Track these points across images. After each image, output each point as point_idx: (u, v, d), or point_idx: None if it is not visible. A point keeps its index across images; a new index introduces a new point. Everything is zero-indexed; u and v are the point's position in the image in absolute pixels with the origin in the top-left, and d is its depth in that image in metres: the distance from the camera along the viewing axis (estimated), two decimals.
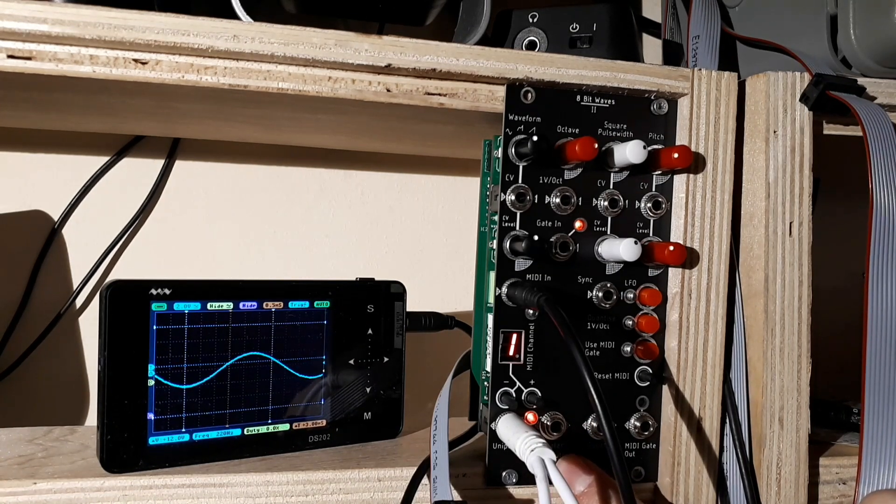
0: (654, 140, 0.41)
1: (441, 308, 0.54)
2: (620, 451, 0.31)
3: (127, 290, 0.36)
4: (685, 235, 0.40)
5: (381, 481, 0.38)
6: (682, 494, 0.40)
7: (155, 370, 0.37)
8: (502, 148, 0.38)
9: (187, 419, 0.38)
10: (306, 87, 0.36)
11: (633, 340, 0.40)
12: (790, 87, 0.41)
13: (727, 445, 0.41)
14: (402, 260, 0.63)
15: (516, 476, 0.39)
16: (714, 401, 0.41)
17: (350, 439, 0.43)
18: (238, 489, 0.37)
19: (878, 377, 0.38)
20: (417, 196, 0.63)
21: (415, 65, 0.37)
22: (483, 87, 0.39)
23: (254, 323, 0.40)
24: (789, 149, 0.40)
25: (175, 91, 0.37)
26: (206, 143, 0.59)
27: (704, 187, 0.40)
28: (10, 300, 0.55)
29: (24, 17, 0.32)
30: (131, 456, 0.37)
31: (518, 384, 0.39)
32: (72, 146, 0.56)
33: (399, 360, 0.44)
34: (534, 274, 0.39)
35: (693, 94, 0.40)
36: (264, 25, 0.35)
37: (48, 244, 0.56)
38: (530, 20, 0.47)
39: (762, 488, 0.40)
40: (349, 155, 0.62)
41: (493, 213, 0.39)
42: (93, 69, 0.34)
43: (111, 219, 0.57)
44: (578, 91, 0.39)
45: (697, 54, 0.47)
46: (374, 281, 0.44)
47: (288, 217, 0.61)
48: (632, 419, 0.41)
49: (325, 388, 0.42)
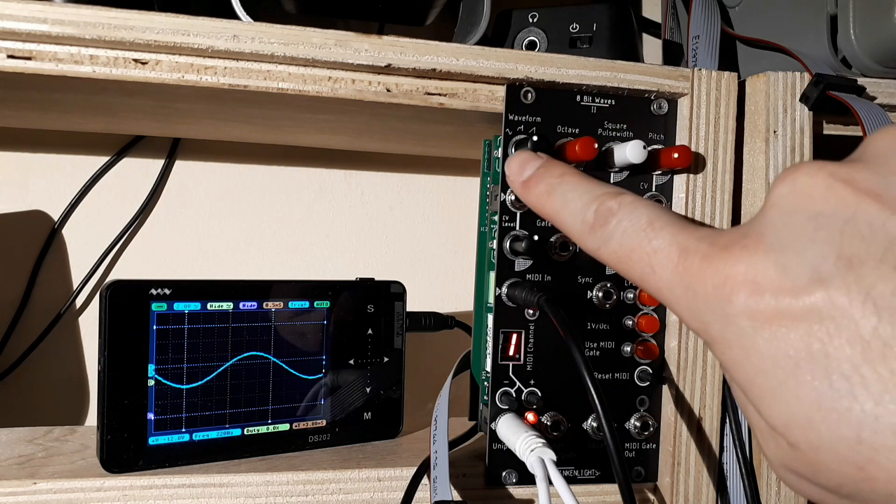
0: (654, 140, 0.41)
1: (441, 308, 0.54)
2: (620, 451, 0.31)
3: (127, 290, 0.36)
4: None
5: (381, 481, 0.38)
6: (682, 494, 0.40)
7: (155, 370, 0.37)
8: (502, 148, 0.38)
9: (187, 419, 0.38)
10: (306, 87, 0.36)
11: (633, 340, 0.40)
12: (790, 87, 0.41)
13: (727, 445, 0.41)
14: (402, 260, 0.63)
15: (516, 476, 0.39)
16: (714, 401, 0.41)
17: (350, 439, 0.43)
18: (238, 489, 0.37)
19: None
20: (417, 196, 0.63)
21: (415, 65, 0.37)
22: (483, 87, 0.39)
23: (254, 323, 0.40)
24: (789, 149, 0.40)
25: (175, 91, 0.37)
26: (206, 143, 0.59)
27: (704, 187, 0.40)
28: (10, 300, 0.55)
29: (24, 17, 0.32)
30: (131, 456, 0.37)
31: (518, 384, 0.39)
32: (72, 146, 0.56)
33: (399, 360, 0.44)
34: (534, 274, 0.39)
35: (693, 94, 0.40)
36: (264, 25, 0.35)
37: (48, 244, 0.56)
38: (530, 20, 0.47)
39: (762, 488, 0.40)
40: (349, 155, 0.62)
41: (493, 213, 0.39)
42: (93, 69, 0.34)
43: (111, 219, 0.57)
44: (578, 91, 0.39)
45: (697, 54, 0.47)
46: (374, 281, 0.44)
47: (288, 217, 0.61)
48: (632, 419, 0.41)
49: (325, 388, 0.42)
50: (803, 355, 0.17)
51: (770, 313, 0.17)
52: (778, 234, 0.18)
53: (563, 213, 0.26)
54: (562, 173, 0.28)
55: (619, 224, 0.23)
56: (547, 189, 0.27)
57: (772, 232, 0.18)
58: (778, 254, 0.18)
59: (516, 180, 0.30)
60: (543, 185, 0.28)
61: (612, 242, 0.23)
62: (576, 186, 0.26)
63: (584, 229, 0.25)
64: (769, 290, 0.17)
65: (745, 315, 0.18)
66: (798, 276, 0.17)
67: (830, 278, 0.16)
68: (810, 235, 0.17)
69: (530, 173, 0.29)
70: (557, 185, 0.27)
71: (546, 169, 0.28)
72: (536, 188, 0.28)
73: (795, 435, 0.17)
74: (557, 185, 0.27)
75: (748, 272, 0.18)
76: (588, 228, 0.24)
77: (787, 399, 0.17)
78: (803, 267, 0.17)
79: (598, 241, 0.24)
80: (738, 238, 0.19)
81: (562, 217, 0.26)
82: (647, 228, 0.22)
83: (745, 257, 0.18)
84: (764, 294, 0.17)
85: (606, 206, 0.24)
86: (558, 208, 0.26)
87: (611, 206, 0.24)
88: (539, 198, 0.28)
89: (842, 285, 0.16)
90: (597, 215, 0.24)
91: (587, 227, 0.24)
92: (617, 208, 0.23)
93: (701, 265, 0.19)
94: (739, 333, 0.18)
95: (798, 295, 0.17)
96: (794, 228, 0.18)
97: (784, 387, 0.17)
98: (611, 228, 0.23)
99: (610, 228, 0.23)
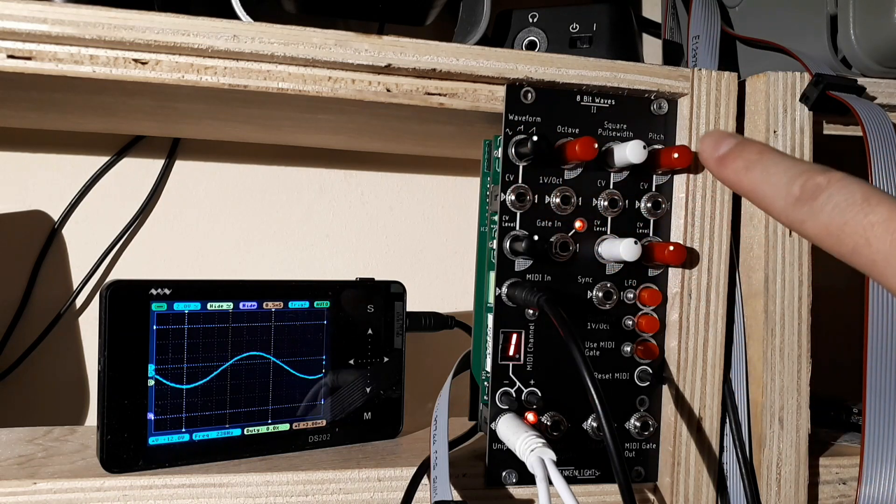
0: (654, 140, 0.41)
1: (441, 308, 0.54)
2: (620, 451, 0.31)
3: (127, 290, 0.36)
4: (685, 235, 0.40)
5: (381, 481, 0.38)
6: (682, 494, 0.40)
7: (155, 370, 0.37)
8: (502, 148, 0.38)
9: (187, 419, 0.38)
10: (306, 87, 0.36)
11: (633, 340, 0.40)
12: (790, 87, 0.41)
13: (727, 445, 0.41)
14: (402, 260, 0.63)
15: (516, 476, 0.39)
16: (714, 401, 0.41)
17: (350, 439, 0.43)
18: (238, 489, 0.37)
19: (878, 377, 0.38)
20: (417, 196, 0.63)
21: (415, 65, 0.37)
22: (483, 87, 0.39)
23: (254, 323, 0.40)
24: (789, 149, 0.40)
25: (175, 91, 0.37)
26: (206, 143, 0.59)
27: (704, 187, 0.40)
28: (10, 300, 0.55)
29: (24, 17, 0.32)
30: (131, 456, 0.37)
31: (518, 384, 0.39)
32: (72, 146, 0.56)
33: (399, 360, 0.44)
34: (534, 274, 0.39)
35: (693, 94, 0.40)
36: (264, 25, 0.35)
37: (48, 244, 0.56)
38: (530, 20, 0.47)
39: (762, 488, 0.40)
40: (349, 155, 0.62)
41: (493, 213, 0.39)
42: (93, 69, 0.34)
43: (111, 219, 0.57)
44: (578, 91, 0.39)
45: (697, 54, 0.47)
46: (374, 281, 0.44)
47: (288, 217, 0.61)
48: (632, 419, 0.41)
49: (324, 388, 0.42)
50: None
51: None
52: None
53: (763, 187, 0.26)
54: (761, 150, 0.27)
55: (831, 198, 0.23)
56: (745, 164, 0.27)
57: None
58: None
59: (710, 156, 0.29)
60: (742, 160, 0.27)
61: (822, 216, 0.23)
62: (779, 162, 0.26)
63: (787, 202, 0.25)
64: None
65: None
66: None
67: None
68: None
69: (727, 149, 0.28)
70: (758, 161, 0.27)
71: (744, 145, 0.28)
72: (734, 164, 0.27)
73: None
74: (757, 160, 0.27)
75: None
76: (793, 201, 0.24)
77: None
78: None
79: (805, 214, 0.24)
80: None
81: (761, 190, 0.26)
82: (862, 203, 0.22)
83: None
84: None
85: (815, 182, 0.24)
86: (758, 182, 0.26)
87: (819, 181, 0.24)
88: (737, 173, 0.27)
89: None
90: (803, 189, 0.24)
91: (791, 200, 0.24)
92: (826, 184, 0.23)
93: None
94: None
95: None
96: None
97: None
98: (821, 202, 0.23)
99: (820, 202, 0.23)
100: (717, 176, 0.28)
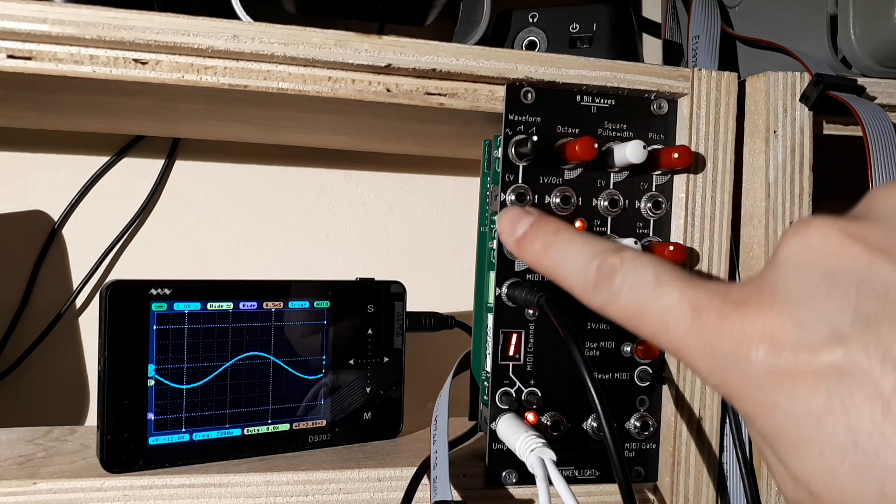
0: (654, 140, 0.41)
1: (441, 308, 0.54)
2: (620, 451, 0.31)
3: (127, 290, 0.36)
4: (685, 235, 0.40)
5: (381, 481, 0.38)
6: (682, 494, 0.40)
7: (155, 370, 0.37)
8: (502, 148, 0.38)
9: (187, 419, 0.38)
10: (306, 87, 0.36)
11: (633, 340, 0.40)
12: (790, 87, 0.41)
13: (727, 445, 0.41)
14: (402, 260, 0.63)
15: (516, 476, 0.39)
16: (714, 401, 0.41)
17: (350, 439, 0.43)
18: (238, 489, 0.37)
19: None
20: (417, 196, 0.64)
21: (415, 65, 0.37)
22: (483, 87, 0.39)
23: (254, 323, 0.40)
24: (789, 149, 0.40)
25: (175, 91, 0.37)
26: (206, 143, 0.59)
27: (704, 187, 0.40)
28: (10, 300, 0.55)
29: (24, 17, 0.32)
30: (131, 456, 0.37)
31: (518, 384, 0.39)
32: (72, 146, 0.56)
33: (399, 360, 0.45)
34: (534, 274, 0.39)
35: (693, 94, 0.40)
36: (264, 25, 0.35)
37: (48, 244, 0.56)
38: (530, 20, 0.47)
39: (762, 488, 0.40)
40: (349, 155, 0.62)
41: (493, 213, 0.39)
42: (93, 69, 0.34)
43: (111, 219, 0.57)
44: (578, 91, 0.39)
45: (697, 54, 0.47)
46: (374, 281, 0.44)
47: (288, 217, 0.61)
48: (632, 419, 0.41)
49: (325, 388, 0.42)
50: (825, 411, 0.17)
51: (790, 370, 0.17)
52: (792, 290, 0.18)
53: (562, 271, 0.26)
54: (556, 229, 0.27)
55: (625, 281, 0.23)
56: (543, 246, 0.27)
57: (785, 288, 0.18)
58: (794, 310, 0.18)
59: (509, 239, 0.29)
60: (539, 242, 0.27)
61: (620, 300, 0.23)
62: (573, 242, 0.26)
63: (586, 286, 0.24)
64: (788, 346, 0.17)
65: (765, 371, 0.18)
66: (816, 333, 0.17)
67: (849, 336, 0.17)
68: (825, 293, 0.17)
69: (523, 230, 0.28)
70: (553, 242, 0.26)
71: (539, 225, 0.28)
72: (532, 245, 0.27)
73: (819, 487, 0.17)
74: (553, 241, 0.27)
75: (766, 328, 0.18)
76: (591, 286, 0.24)
77: (811, 453, 0.17)
78: (821, 324, 0.17)
79: (604, 298, 0.23)
80: (751, 293, 0.19)
81: (561, 275, 0.26)
82: (654, 286, 0.22)
83: (762, 313, 0.18)
84: (783, 351, 0.17)
85: (609, 263, 0.23)
86: (557, 266, 0.26)
87: (613, 262, 0.23)
88: (535, 255, 0.27)
89: (860, 343, 0.16)
90: (599, 273, 0.24)
91: (590, 285, 0.24)
92: (620, 265, 0.23)
93: (716, 322, 0.19)
94: (760, 389, 0.18)
95: (817, 352, 0.17)
96: (809, 285, 0.18)
97: (807, 441, 0.17)
98: (616, 285, 0.23)
99: (616, 285, 0.23)
100: (518, 258, 0.28)
